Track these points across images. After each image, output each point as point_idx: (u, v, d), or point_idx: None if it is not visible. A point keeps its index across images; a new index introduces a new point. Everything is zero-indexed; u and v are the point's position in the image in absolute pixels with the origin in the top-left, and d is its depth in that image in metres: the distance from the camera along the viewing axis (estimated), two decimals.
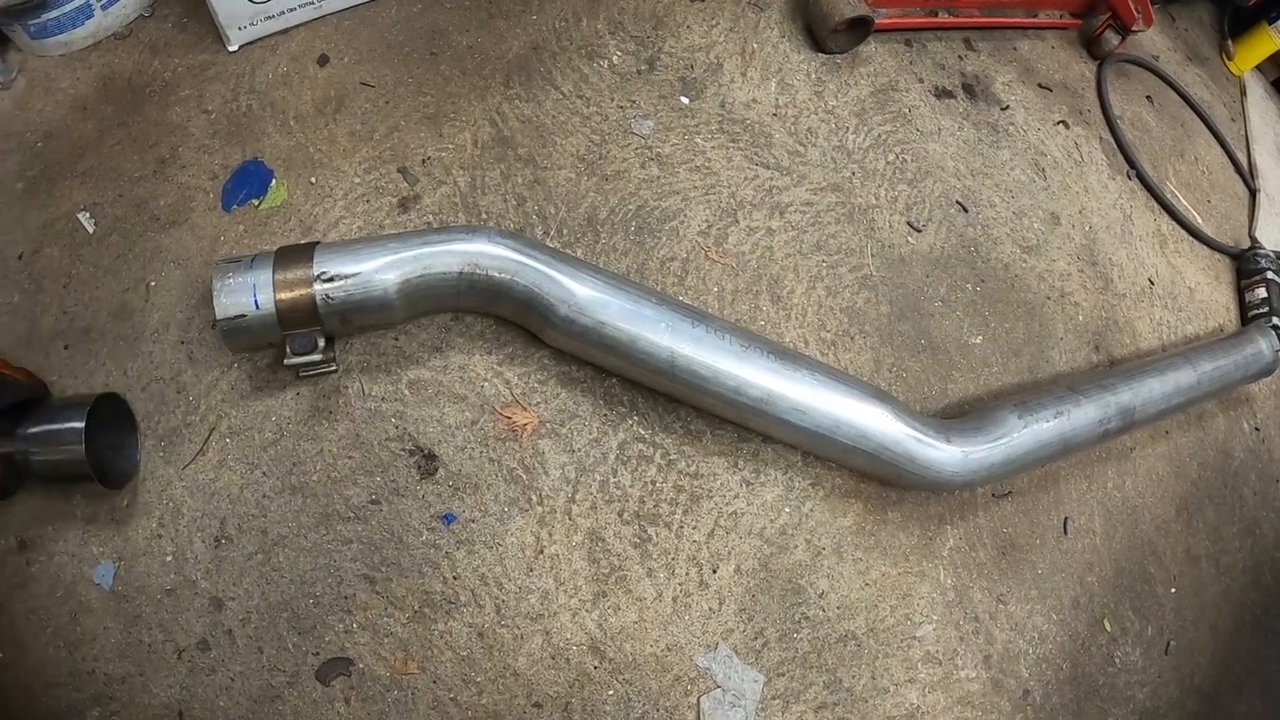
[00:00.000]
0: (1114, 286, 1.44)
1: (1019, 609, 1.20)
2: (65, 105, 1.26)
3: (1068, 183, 1.45)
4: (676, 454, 1.08)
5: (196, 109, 1.22)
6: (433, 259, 0.97)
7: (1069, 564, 1.26)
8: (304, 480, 1.02)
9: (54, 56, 1.30)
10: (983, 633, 1.16)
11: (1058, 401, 1.20)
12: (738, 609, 1.06)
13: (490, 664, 0.98)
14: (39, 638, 0.96)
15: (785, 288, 1.19)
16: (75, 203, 1.18)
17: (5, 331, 1.11)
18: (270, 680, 0.95)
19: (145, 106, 1.24)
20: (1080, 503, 1.31)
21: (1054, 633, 1.21)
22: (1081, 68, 1.59)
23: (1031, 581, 1.22)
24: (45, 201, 1.18)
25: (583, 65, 1.29)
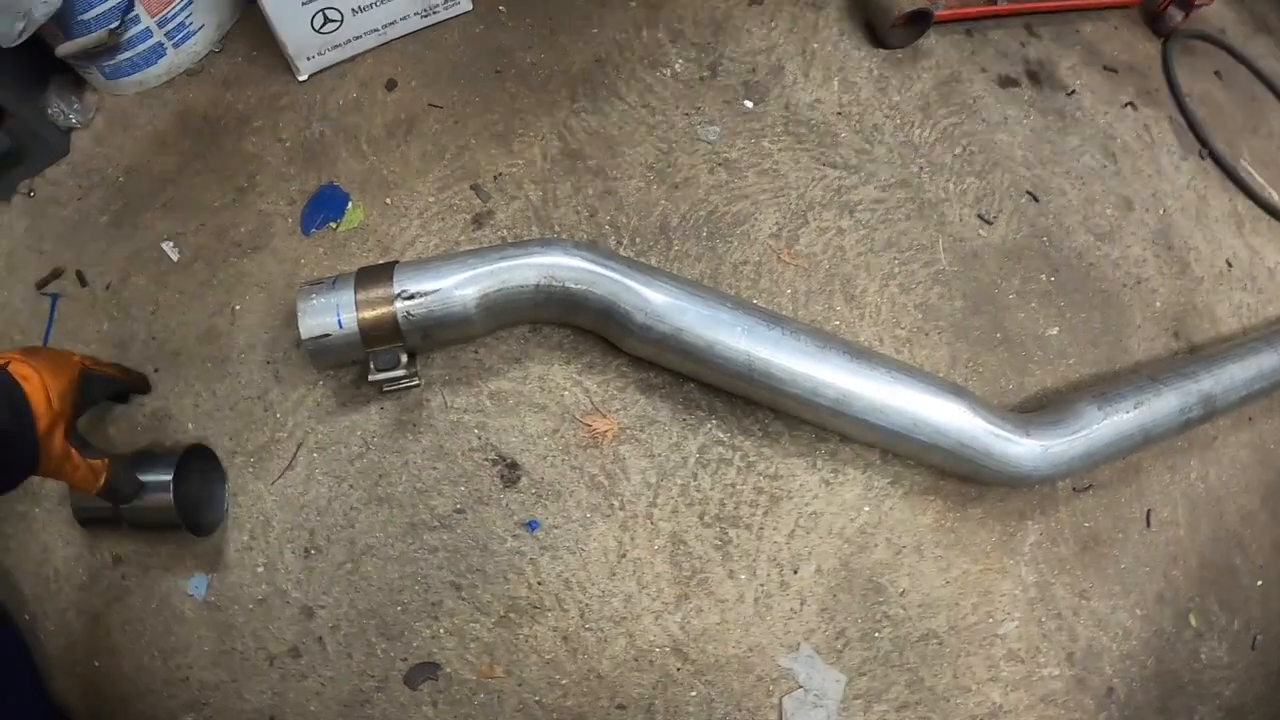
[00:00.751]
0: (1191, 271, 1.40)
1: (1102, 605, 1.18)
2: (144, 141, 1.31)
3: (1139, 166, 1.42)
4: (755, 456, 1.09)
5: (271, 138, 1.27)
6: (510, 273, 1.00)
7: (1152, 558, 1.23)
8: (390, 491, 1.06)
9: (130, 95, 1.35)
10: (1065, 630, 1.14)
11: (1137, 391, 1.17)
12: (819, 609, 1.06)
13: (574, 666, 1.00)
14: (134, 647, 1.01)
15: (858, 287, 1.19)
16: (159, 233, 1.23)
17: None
18: (360, 685, 0.99)
19: (222, 138, 1.29)
20: (1163, 494, 1.28)
21: (1138, 628, 1.19)
22: (1146, 47, 1.55)
23: (1115, 576, 1.20)
24: (130, 233, 1.24)
25: (646, 75, 1.31)
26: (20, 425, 0.78)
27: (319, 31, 1.23)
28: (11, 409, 0.78)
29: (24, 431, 0.79)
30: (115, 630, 1.02)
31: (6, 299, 1.22)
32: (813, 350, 1.02)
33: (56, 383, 0.84)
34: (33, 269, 1.23)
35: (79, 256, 1.23)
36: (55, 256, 1.24)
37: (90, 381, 0.92)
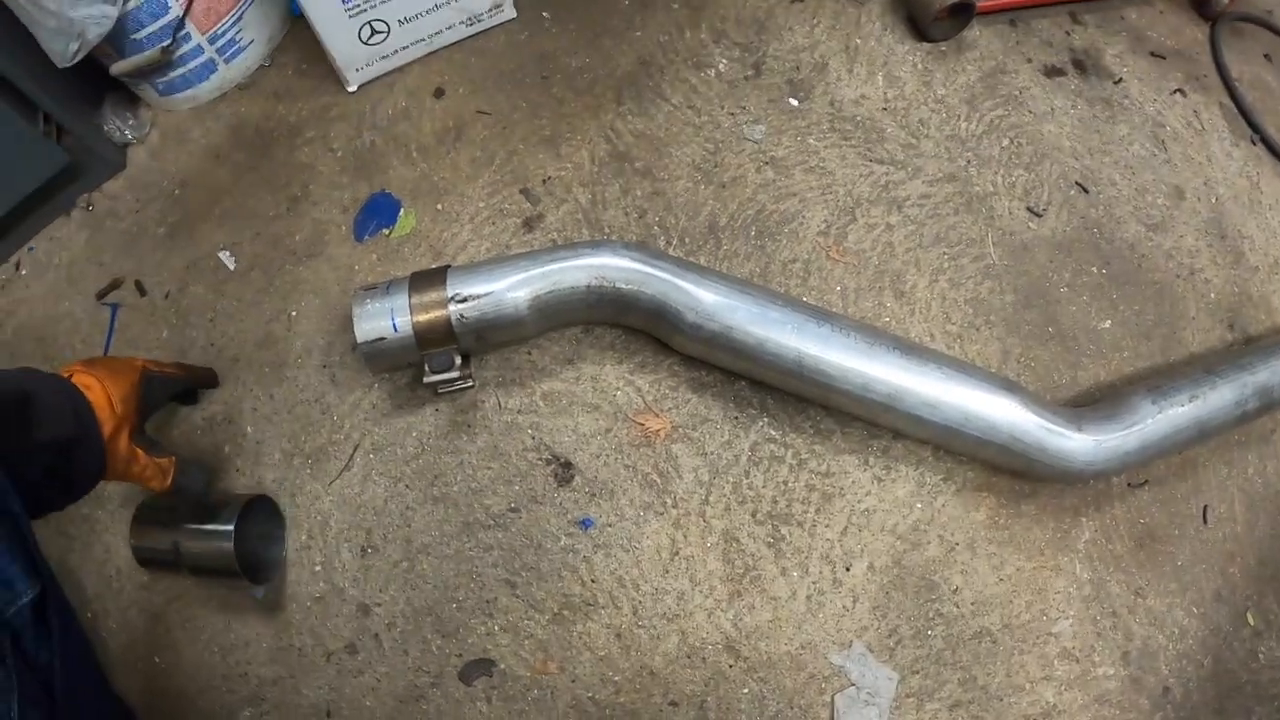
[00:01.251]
0: (1246, 260, 1.37)
1: (1158, 602, 1.16)
2: (198, 154, 1.34)
3: (1189, 154, 1.39)
4: (807, 453, 1.09)
5: (323, 148, 1.29)
6: (561, 275, 1.01)
7: (1209, 555, 1.21)
8: (445, 491, 1.08)
9: (183, 110, 1.39)
10: (1121, 628, 1.12)
11: (1192, 384, 1.15)
12: (871, 606, 1.06)
13: (627, 663, 1.01)
14: (194, 644, 1.04)
15: (908, 283, 1.18)
16: (215, 243, 1.26)
17: None
18: (415, 681, 1.01)
19: (274, 150, 1.31)
20: (1220, 490, 1.25)
21: (1195, 627, 1.16)
22: (1194, 31, 1.52)
23: (1171, 574, 1.18)
24: (187, 243, 1.27)
25: (690, 76, 1.31)
26: (85, 433, 0.81)
27: (366, 43, 1.25)
28: (76, 417, 0.80)
29: (90, 439, 0.81)
30: (175, 628, 1.06)
31: (68, 309, 1.26)
32: (863, 346, 1.01)
33: (118, 388, 0.86)
34: (92, 280, 1.27)
35: (138, 267, 1.27)
36: (114, 268, 1.28)
37: (152, 384, 0.95)
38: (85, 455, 0.81)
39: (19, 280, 1.31)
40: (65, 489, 0.80)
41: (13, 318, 1.28)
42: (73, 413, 0.79)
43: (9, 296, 1.30)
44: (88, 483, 0.83)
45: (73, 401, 0.80)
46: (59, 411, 0.77)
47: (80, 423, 0.80)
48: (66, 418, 0.78)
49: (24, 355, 1.25)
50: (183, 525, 0.99)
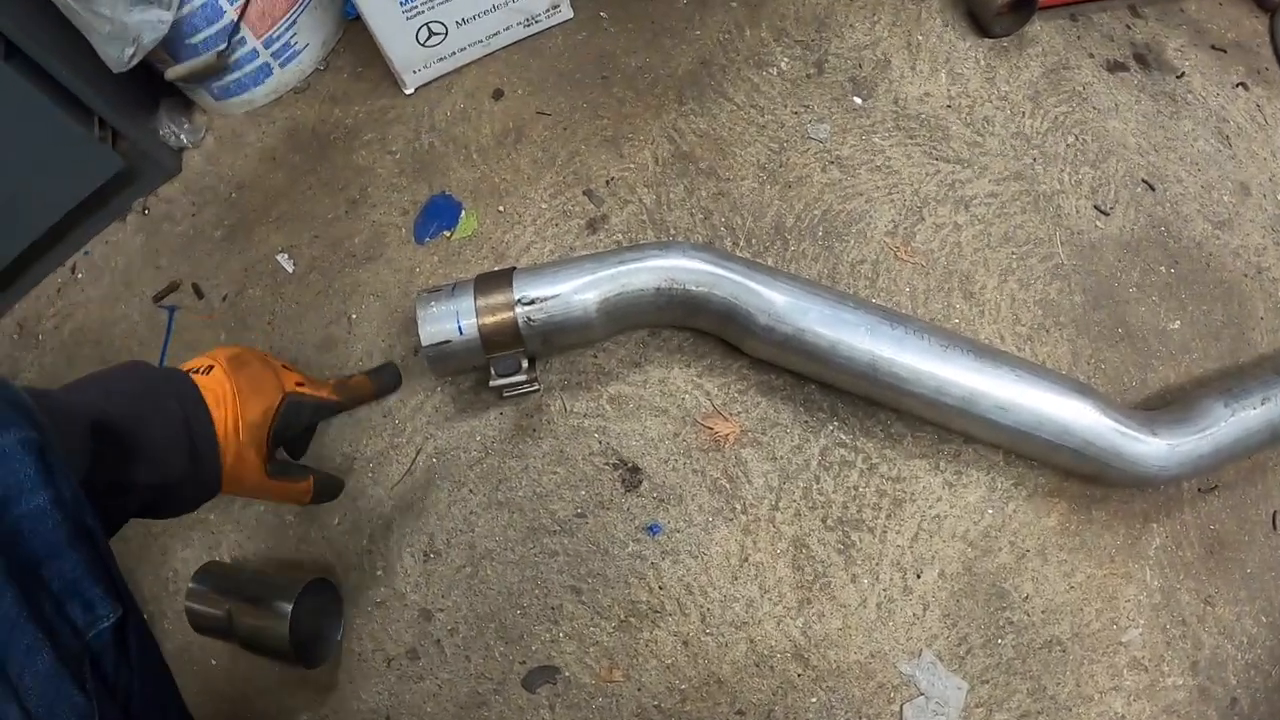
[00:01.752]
0: None
1: (1227, 611, 1.13)
2: (254, 158, 1.34)
3: (1254, 149, 1.36)
4: (878, 458, 1.08)
5: (381, 151, 1.29)
6: (630, 276, 1.00)
7: (1278, 562, 1.19)
8: (510, 496, 1.07)
9: (239, 114, 1.39)
10: (1190, 637, 1.10)
11: (1264, 386, 1.13)
12: (941, 614, 1.04)
13: (694, 671, 1.00)
14: None
15: (976, 283, 1.16)
16: (273, 246, 1.26)
17: None
18: (477, 688, 1.00)
19: (331, 153, 1.31)
20: None
21: (1263, 636, 1.14)
22: (1253, 23, 1.48)
23: (1240, 581, 1.15)
24: (244, 246, 1.27)
25: (752, 75, 1.29)
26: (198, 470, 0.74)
27: (424, 45, 1.25)
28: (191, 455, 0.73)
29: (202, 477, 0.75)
30: None
31: (124, 312, 1.27)
32: (937, 349, 1.00)
33: (251, 411, 0.79)
34: (149, 283, 1.28)
35: (195, 270, 1.27)
36: (171, 271, 1.28)
37: (297, 409, 0.87)
38: (192, 488, 0.76)
39: (75, 284, 1.31)
40: (161, 512, 0.76)
41: (70, 320, 1.29)
42: (188, 451, 0.73)
43: (66, 300, 1.31)
44: (191, 507, 0.78)
45: (190, 433, 0.73)
46: (171, 451, 0.71)
47: (195, 457, 0.74)
48: (179, 458, 0.72)
49: (82, 358, 1.25)
50: (240, 597, 0.98)
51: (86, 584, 0.50)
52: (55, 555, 0.49)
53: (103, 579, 0.52)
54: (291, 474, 0.88)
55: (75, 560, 0.50)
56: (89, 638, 0.50)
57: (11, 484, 0.47)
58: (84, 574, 0.50)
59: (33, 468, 0.48)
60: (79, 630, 0.50)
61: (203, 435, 0.75)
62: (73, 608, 0.50)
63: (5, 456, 0.47)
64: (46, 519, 0.49)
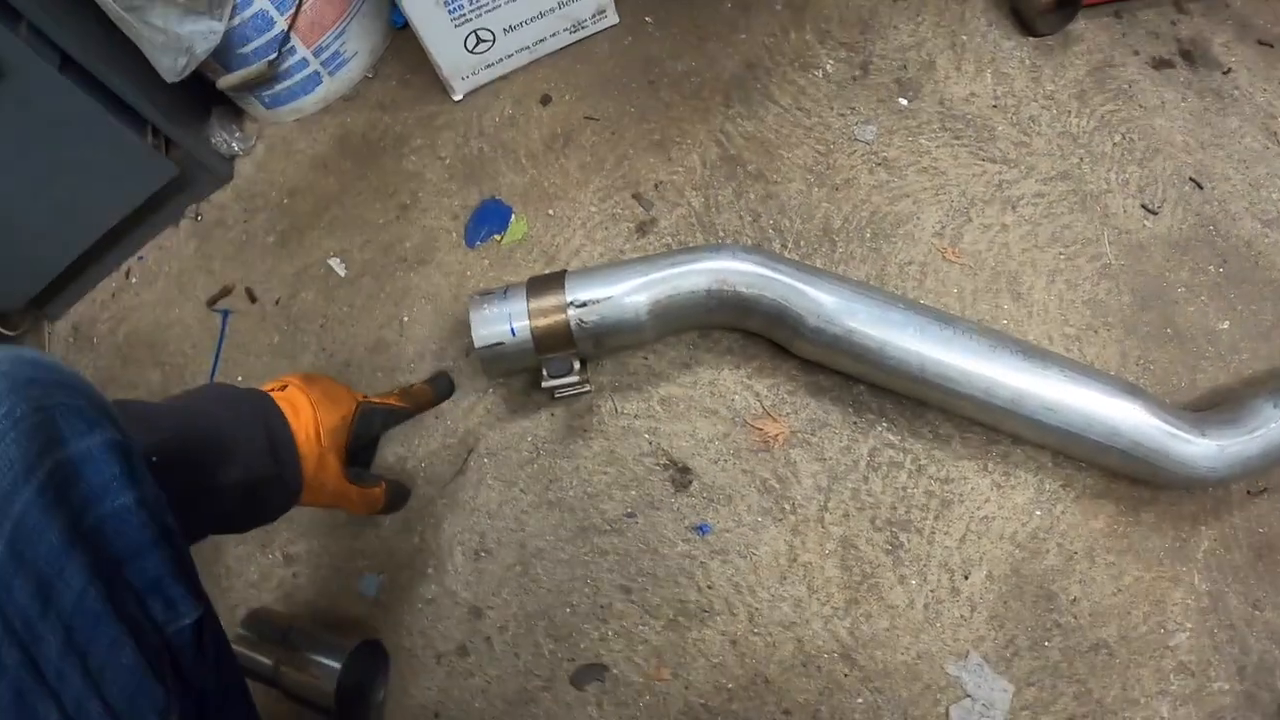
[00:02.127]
0: None
1: (1275, 616, 1.11)
2: (305, 164, 1.37)
3: None
4: (926, 459, 1.09)
5: (431, 156, 1.31)
6: (681, 279, 1.01)
7: None
8: (561, 496, 1.09)
9: (289, 122, 1.41)
10: (1238, 641, 1.09)
11: None
12: (989, 616, 1.05)
13: (742, 670, 1.01)
14: None
15: (1024, 284, 1.16)
16: (325, 250, 1.28)
17: (267, 369, 1.24)
18: (525, 685, 1.02)
19: (381, 159, 1.33)
20: None
21: None
22: None
23: None
24: (296, 251, 1.30)
25: (798, 77, 1.30)
26: (282, 470, 0.77)
27: (472, 52, 1.27)
28: (274, 455, 0.76)
29: (285, 476, 0.78)
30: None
31: (178, 316, 1.30)
32: (985, 350, 1.00)
33: (330, 416, 0.83)
34: (203, 288, 1.31)
35: (247, 275, 1.30)
36: (224, 275, 1.31)
37: (369, 416, 0.92)
38: (277, 492, 0.79)
39: (129, 288, 1.35)
40: (247, 522, 0.79)
41: (124, 324, 1.32)
42: (269, 451, 0.76)
43: (120, 304, 1.34)
44: (274, 515, 0.81)
45: (271, 437, 0.77)
46: (252, 452, 0.75)
47: (277, 460, 0.77)
48: (261, 458, 0.75)
49: (135, 361, 1.29)
50: (289, 648, 0.99)
51: (168, 582, 0.52)
52: (139, 554, 0.51)
53: (183, 578, 0.54)
54: (366, 481, 0.92)
55: (158, 559, 0.52)
56: (169, 634, 0.52)
57: (98, 484, 0.49)
58: (166, 573, 0.52)
59: (118, 468, 0.50)
60: (159, 627, 0.52)
61: (281, 438, 0.78)
62: (154, 605, 0.51)
63: (92, 458, 0.49)
64: (131, 518, 0.50)
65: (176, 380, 1.25)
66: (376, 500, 0.93)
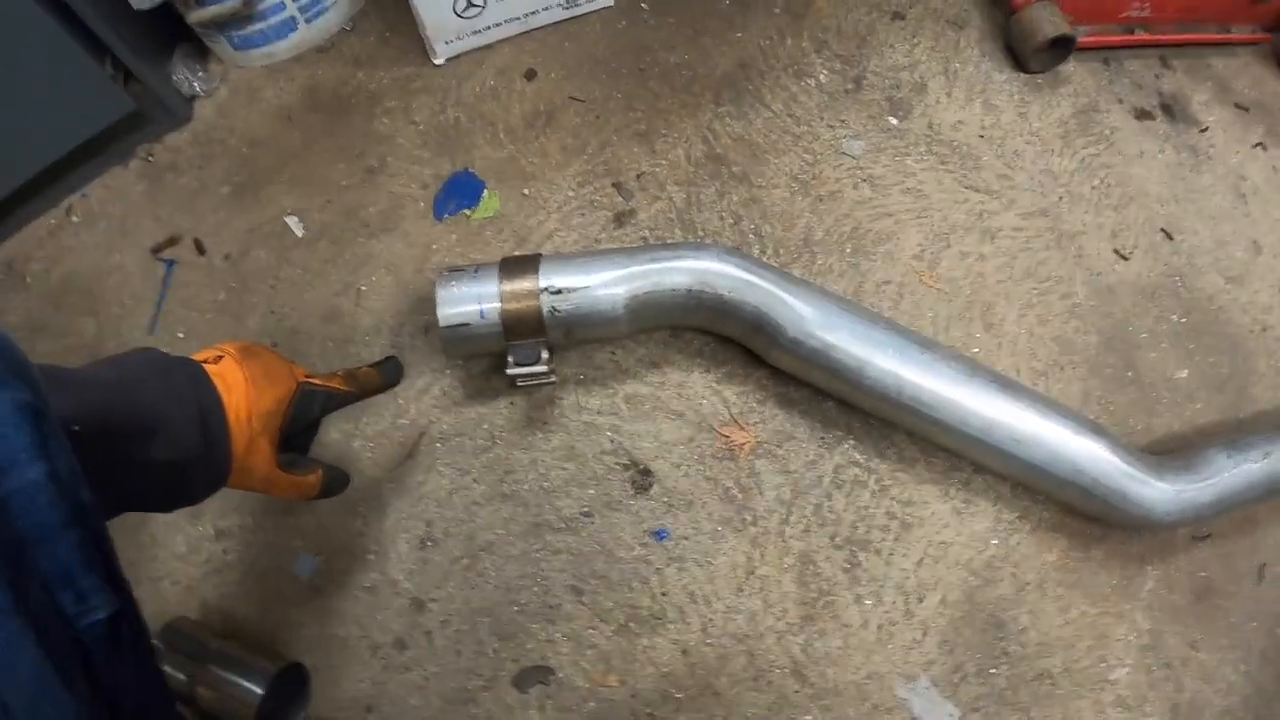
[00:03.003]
0: None
1: (1210, 658, 1.15)
2: (269, 114, 1.29)
3: (1268, 209, 1.39)
4: (890, 480, 1.07)
5: (404, 120, 1.25)
6: (662, 275, 0.97)
7: (1261, 613, 1.20)
8: (515, 489, 1.04)
9: (256, 68, 1.34)
10: (1173, 680, 1.12)
11: (1265, 441, 1.15)
12: (940, 640, 1.04)
13: (691, 681, 0.98)
14: (229, 621, 1.00)
15: (997, 315, 1.16)
16: (283, 207, 1.21)
17: (210, 327, 1.16)
18: (465, 684, 0.97)
19: (351, 117, 1.27)
20: (1276, 549, 1.24)
21: (1240, 685, 1.16)
22: (1275, 85, 1.51)
23: (1224, 629, 1.17)
24: (252, 205, 1.22)
25: (791, 84, 1.28)
26: (210, 450, 0.69)
27: (460, 15, 1.21)
28: (204, 434, 0.68)
29: (214, 456, 0.70)
30: (210, 604, 1.01)
31: (119, 262, 1.21)
32: (961, 377, 0.99)
33: (265, 398, 0.74)
34: (148, 234, 1.22)
35: (197, 225, 1.22)
36: (172, 223, 1.23)
37: (309, 398, 0.82)
38: (204, 473, 0.70)
39: (69, 227, 1.25)
40: (171, 502, 0.70)
41: (60, 265, 1.23)
42: (199, 428, 0.68)
43: (58, 243, 1.24)
44: (200, 497, 0.72)
45: (202, 413, 0.68)
46: (183, 428, 0.66)
47: (207, 438, 0.69)
48: (191, 435, 0.67)
49: (69, 306, 1.19)
50: (208, 668, 0.92)
51: (80, 570, 0.45)
52: (47, 537, 0.43)
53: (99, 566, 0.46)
54: (300, 467, 0.82)
55: (69, 543, 0.44)
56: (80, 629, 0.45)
57: (3, 454, 0.42)
58: (78, 559, 0.45)
59: (28, 436, 0.42)
60: (69, 621, 0.44)
61: (213, 416, 0.70)
62: (63, 596, 0.44)
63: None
64: (40, 495, 0.43)
65: (111, 332, 1.17)
66: (310, 488, 0.84)
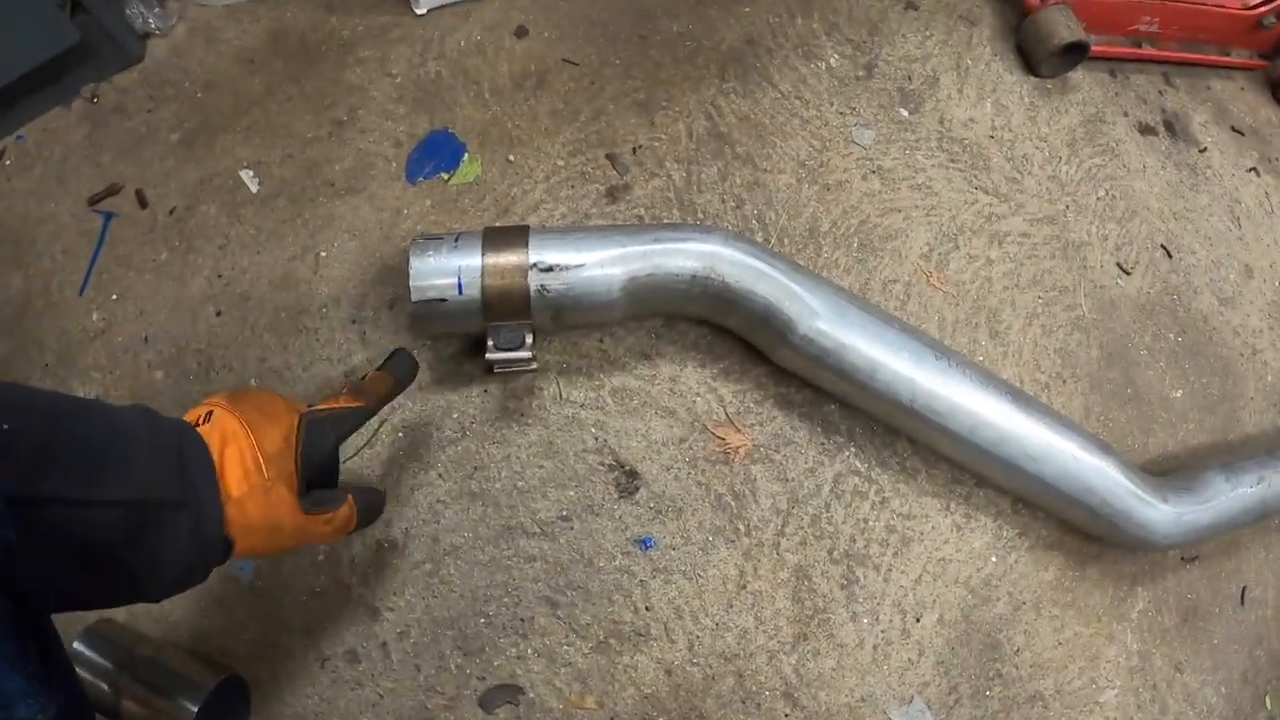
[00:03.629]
0: None
1: (1193, 679, 1.13)
2: (229, 57, 1.18)
3: (1260, 234, 1.38)
4: (891, 492, 1.01)
5: (379, 72, 1.14)
6: (665, 257, 0.89)
7: (1243, 635, 1.20)
8: (486, 487, 0.95)
9: (217, 6, 1.22)
10: (1159, 702, 1.09)
11: (1259, 466, 1.13)
12: (936, 661, 0.98)
13: (675, 704, 0.91)
14: (161, 624, 0.90)
15: (1003, 322, 1.12)
16: (237, 159, 1.10)
17: (148, 290, 1.04)
18: (425, 701, 0.88)
19: (320, 65, 1.16)
20: (1258, 572, 1.24)
21: (1221, 707, 1.15)
22: (1269, 112, 1.53)
23: (1208, 651, 1.15)
24: (203, 155, 1.11)
25: (800, 65, 1.21)
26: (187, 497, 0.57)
27: None
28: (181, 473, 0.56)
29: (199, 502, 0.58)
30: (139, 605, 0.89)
31: (53, 212, 1.08)
32: (977, 388, 0.94)
33: (268, 441, 0.63)
34: (86, 182, 1.09)
35: (141, 174, 1.09)
36: (114, 171, 1.10)
37: (318, 429, 0.70)
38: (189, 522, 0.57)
39: (1, 171, 1.11)
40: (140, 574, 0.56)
41: None
42: (175, 466, 0.57)
43: None
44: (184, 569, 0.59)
45: (180, 450, 0.58)
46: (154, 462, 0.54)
47: (185, 477, 0.57)
48: (162, 472, 0.56)
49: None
50: (135, 678, 0.81)
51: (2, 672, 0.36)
52: None
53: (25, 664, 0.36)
54: (329, 503, 0.70)
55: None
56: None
57: None
58: None
59: None
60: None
61: (196, 454, 0.59)
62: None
63: None
64: None
65: (40, 289, 1.03)
66: (347, 522, 0.71)
